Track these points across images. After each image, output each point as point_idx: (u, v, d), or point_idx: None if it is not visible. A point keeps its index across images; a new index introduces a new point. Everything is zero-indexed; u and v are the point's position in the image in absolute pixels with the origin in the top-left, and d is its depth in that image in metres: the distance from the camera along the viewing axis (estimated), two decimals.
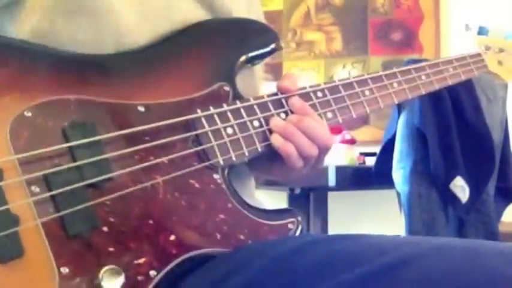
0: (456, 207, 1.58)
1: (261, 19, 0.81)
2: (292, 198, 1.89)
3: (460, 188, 1.56)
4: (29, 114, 0.53)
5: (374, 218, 2.47)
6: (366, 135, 2.50)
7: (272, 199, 1.47)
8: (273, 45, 0.71)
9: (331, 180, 1.76)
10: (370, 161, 1.85)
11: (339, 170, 1.67)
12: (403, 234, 1.62)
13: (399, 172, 1.63)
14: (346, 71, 2.78)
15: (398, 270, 0.48)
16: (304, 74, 2.80)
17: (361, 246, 0.54)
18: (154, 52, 0.64)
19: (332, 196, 2.10)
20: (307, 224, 2.09)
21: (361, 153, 2.10)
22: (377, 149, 1.80)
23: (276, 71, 2.69)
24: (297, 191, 1.86)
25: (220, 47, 0.68)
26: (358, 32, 2.77)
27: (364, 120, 2.58)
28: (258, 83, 0.80)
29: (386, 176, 1.66)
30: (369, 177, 1.77)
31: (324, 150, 0.68)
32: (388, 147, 1.69)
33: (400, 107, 1.65)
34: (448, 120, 1.58)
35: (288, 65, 2.79)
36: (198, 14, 0.69)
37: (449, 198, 1.58)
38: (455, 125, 1.59)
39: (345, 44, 2.78)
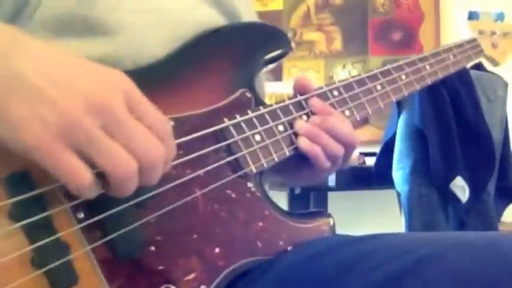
0: (456, 207, 1.58)
1: (254, 14, 0.82)
2: (292, 198, 1.89)
3: (460, 188, 1.56)
4: None
5: (374, 218, 2.47)
6: (365, 135, 2.50)
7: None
8: (285, 48, 0.71)
9: (331, 180, 1.76)
10: (370, 161, 1.85)
11: (339, 170, 1.67)
12: None
13: (399, 172, 1.63)
14: (346, 71, 2.78)
15: (422, 269, 0.48)
16: (304, 74, 2.80)
17: (383, 245, 0.54)
18: (173, 64, 0.63)
19: (332, 196, 2.11)
20: None
21: (361, 153, 2.10)
22: (377, 149, 1.80)
23: (276, 71, 2.70)
24: (297, 191, 1.86)
25: (237, 53, 0.68)
26: (358, 32, 2.77)
27: (364, 120, 2.58)
28: (263, 84, 0.81)
29: (387, 176, 1.66)
30: (369, 177, 1.77)
31: (349, 148, 0.68)
32: (388, 147, 1.69)
33: (400, 107, 1.65)
34: (448, 120, 1.58)
35: (288, 65, 2.79)
36: (210, 14, 0.70)
37: (449, 198, 1.58)
38: (455, 125, 1.59)
39: (345, 44, 2.78)
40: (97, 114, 0.44)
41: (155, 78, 0.61)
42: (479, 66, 1.72)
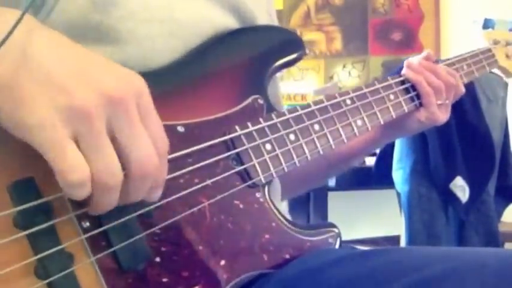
0: (456, 207, 1.58)
1: (275, 17, 0.80)
2: (292, 198, 1.89)
3: (460, 188, 1.56)
4: None
5: (374, 218, 2.47)
6: None
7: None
8: (299, 52, 0.69)
9: (331, 180, 1.76)
10: (370, 161, 1.85)
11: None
12: (403, 234, 1.62)
13: (399, 172, 1.63)
14: (346, 71, 2.78)
15: (439, 284, 0.47)
16: (304, 74, 2.80)
17: (390, 262, 0.53)
18: (184, 69, 0.61)
19: (332, 196, 2.10)
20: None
21: None
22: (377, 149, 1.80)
23: None
24: None
25: (249, 58, 0.66)
26: (358, 32, 2.77)
27: None
28: (278, 86, 0.80)
29: (387, 176, 1.66)
30: (369, 177, 1.77)
31: (449, 86, 0.84)
32: (388, 147, 1.69)
33: None
34: (448, 120, 1.58)
35: None
36: (226, 21, 0.67)
37: (449, 198, 1.58)
38: (456, 125, 1.59)
39: (345, 44, 2.79)
40: (109, 106, 0.42)
41: (165, 83, 0.59)
42: None
